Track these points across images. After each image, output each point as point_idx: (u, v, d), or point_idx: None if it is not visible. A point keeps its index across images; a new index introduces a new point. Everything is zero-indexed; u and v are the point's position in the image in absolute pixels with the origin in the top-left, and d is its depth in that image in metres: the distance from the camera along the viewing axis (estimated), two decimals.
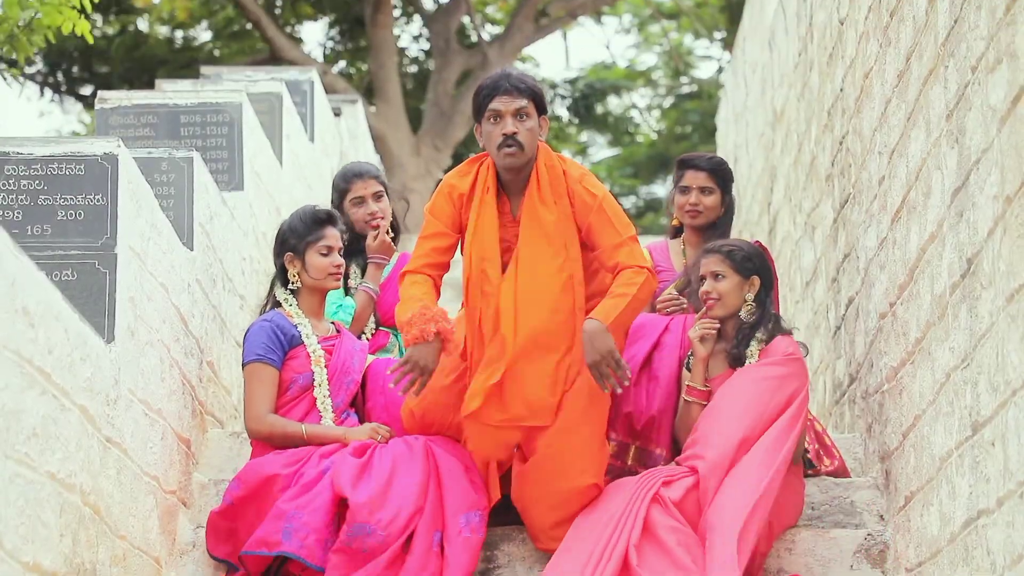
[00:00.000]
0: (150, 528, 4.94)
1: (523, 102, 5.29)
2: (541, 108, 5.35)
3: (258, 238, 7.68)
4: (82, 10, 7.02)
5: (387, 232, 6.24)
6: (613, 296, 5.22)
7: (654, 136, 24.20)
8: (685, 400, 5.46)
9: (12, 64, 17.54)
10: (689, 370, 5.50)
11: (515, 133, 5.27)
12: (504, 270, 5.29)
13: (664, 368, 5.67)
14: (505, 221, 5.38)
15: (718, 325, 5.44)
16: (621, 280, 5.26)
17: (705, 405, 5.39)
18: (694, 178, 6.00)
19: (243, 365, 5.49)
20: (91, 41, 7.09)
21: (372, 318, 6.19)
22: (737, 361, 5.39)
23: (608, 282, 5.34)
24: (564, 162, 5.40)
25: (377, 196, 6.26)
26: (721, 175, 6.03)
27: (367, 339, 6.11)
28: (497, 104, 5.28)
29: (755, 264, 5.48)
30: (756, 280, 5.47)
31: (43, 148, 4.84)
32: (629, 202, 24.13)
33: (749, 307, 5.45)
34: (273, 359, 5.44)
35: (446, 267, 5.44)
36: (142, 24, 19.71)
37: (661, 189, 24.36)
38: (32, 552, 3.70)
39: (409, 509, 5.07)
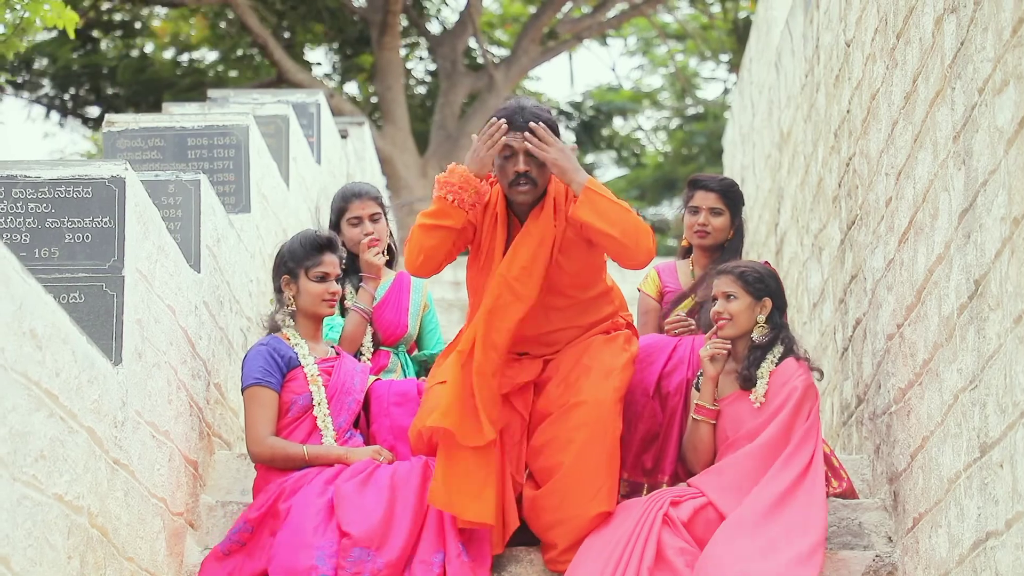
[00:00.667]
0: (157, 550, 4.94)
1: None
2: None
3: (265, 260, 7.68)
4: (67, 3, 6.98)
5: (383, 253, 6.20)
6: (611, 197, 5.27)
7: (660, 158, 24.21)
8: (693, 418, 5.45)
9: (17, 88, 17.57)
10: (698, 389, 5.49)
11: (528, 171, 5.28)
12: None
13: (672, 390, 5.67)
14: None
15: (729, 345, 5.44)
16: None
17: (713, 424, 5.40)
18: (704, 199, 6.01)
19: (242, 390, 5.50)
20: (72, 35, 7.07)
21: (371, 338, 6.15)
22: (747, 382, 5.39)
23: (606, 312, 5.50)
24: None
25: (374, 218, 6.24)
26: (731, 197, 6.04)
27: (368, 360, 6.09)
28: (511, 140, 5.27)
29: (767, 285, 5.47)
30: (768, 302, 5.46)
31: (50, 171, 4.85)
32: None
33: (762, 328, 5.44)
34: (271, 382, 5.45)
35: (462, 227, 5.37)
36: (148, 47, 19.77)
37: (668, 211, 24.36)
38: (40, 574, 3.70)
39: (405, 535, 5.07)
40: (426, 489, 5.21)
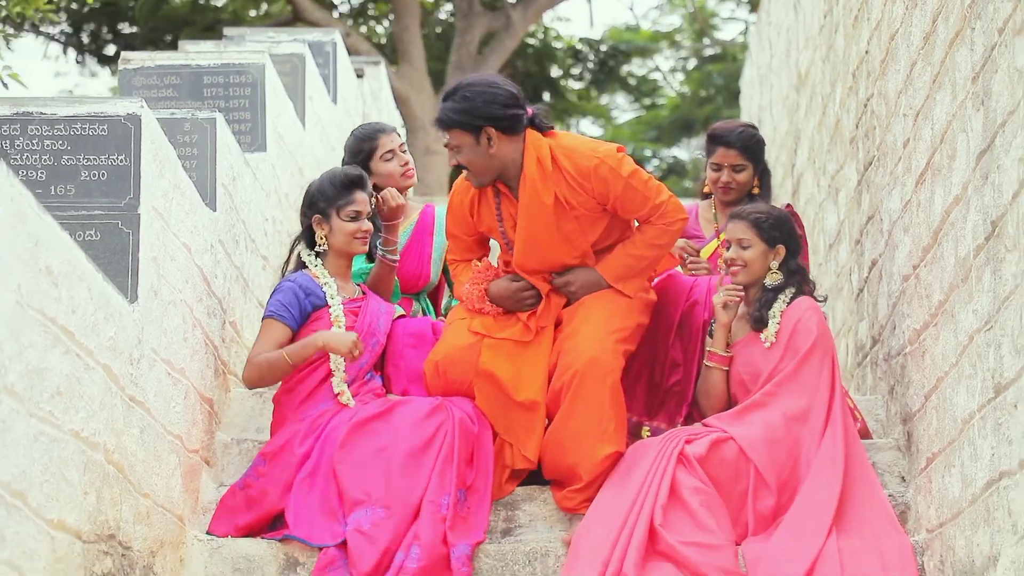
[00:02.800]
0: (173, 486, 4.97)
1: (447, 138, 5.37)
2: (479, 124, 5.30)
3: (280, 199, 7.69)
4: None
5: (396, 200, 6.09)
6: (629, 255, 5.48)
7: (678, 99, 24.11)
8: (706, 365, 5.46)
9: (35, 27, 17.53)
10: (711, 336, 5.49)
11: (460, 164, 5.39)
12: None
13: (692, 332, 5.69)
14: (512, 212, 5.46)
15: (743, 292, 5.44)
16: (646, 237, 5.49)
17: (726, 371, 5.41)
18: (725, 156, 5.96)
19: (262, 319, 5.53)
20: None
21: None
22: (759, 323, 5.39)
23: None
24: (572, 151, 5.39)
25: (403, 148, 6.25)
26: (753, 150, 5.97)
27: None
28: (444, 138, 5.42)
29: (782, 233, 5.46)
30: (782, 249, 5.45)
31: (66, 108, 4.84)
32: (651, 165, 24.08)
33: (775, 275, 5.44)
34: (285, 316, 5.44)
35: (485, 252, 5.72)
36: None
37: (684, 152, 24.30)
38: (56, 509, 3.72)
39: (417, 491, 5.10)
40: (439, 432, 5.22)
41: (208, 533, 5.18)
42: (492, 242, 5.74)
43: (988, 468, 4.19)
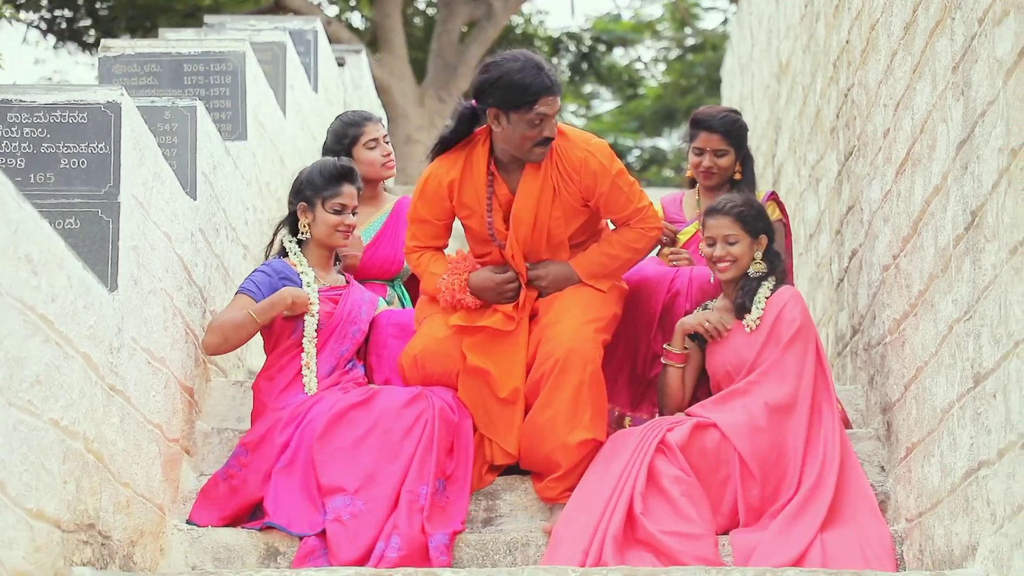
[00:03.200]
0: (153, 476, 4.96)
1: (558, 103, 5.28)
2: None
3: (261, 188, 7.67)
4: None
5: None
6: (605, 254, 5.46)
7: (659, 89, 24.09)
8: (662, 363, 5.49)
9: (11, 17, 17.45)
10: (692, 338, 5.51)
11: (551, 136, 5.31)
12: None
13: (674, 324, 5.69)
14: (504, 201, 5.42)
15: (731, 328, 5.43)
16: (624, 239, 5.47)
17: (681, 368, 5.44)
18: (707, 140, 5.94)
19: None
20: None
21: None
22: (742, 310, 5.39)
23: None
24: (566, 140, 5.39)
25: (386, 139, 6.28)
26: (735, 135, 5.95)
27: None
28: (544, 108, 5.22)
29: (763, 223, 5.47)
30: (764, 239, 5.46)
31: (46, 96, 4.83)
32: (633, 156, 24.07)
33: (759, 265, 5.45)
34: (255, 293, 5.45)
35: (446, 243, 5.62)
36: None
37: (666, 142, 24.29)
38: (36, 499, 3.71)
39: (393, 480, 5.11)
40: (419, 421, 5.22)
41: (188, 522, 5.17)
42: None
43: (967, 457, 4.20)
